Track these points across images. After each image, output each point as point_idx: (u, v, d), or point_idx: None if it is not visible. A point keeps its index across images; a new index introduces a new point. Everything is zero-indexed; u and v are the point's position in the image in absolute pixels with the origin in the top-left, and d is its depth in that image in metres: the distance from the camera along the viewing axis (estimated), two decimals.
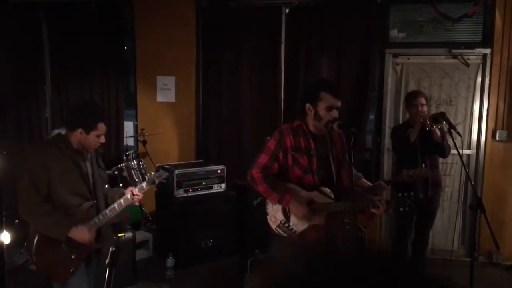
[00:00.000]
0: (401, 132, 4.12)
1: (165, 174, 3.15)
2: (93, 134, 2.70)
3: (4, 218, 3.42)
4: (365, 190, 3.60)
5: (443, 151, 4.08)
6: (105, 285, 1.54)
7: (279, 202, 2.80)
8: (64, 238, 2.61)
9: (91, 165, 2.81)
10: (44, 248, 2.66)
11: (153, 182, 3.01)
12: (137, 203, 2.98)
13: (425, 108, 4.08)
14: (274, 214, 2.87)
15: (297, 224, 2.81)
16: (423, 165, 3.95)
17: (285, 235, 2.85)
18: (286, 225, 2.83)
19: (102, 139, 2.75)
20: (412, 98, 4.16)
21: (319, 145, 2.87)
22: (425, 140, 3.97)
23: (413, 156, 3.96)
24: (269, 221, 2.90)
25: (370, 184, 3.47)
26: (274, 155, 2.83)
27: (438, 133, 3.91)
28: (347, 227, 2.79)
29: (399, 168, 4.11)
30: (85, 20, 5.84)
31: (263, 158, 2.84)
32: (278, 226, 2.86)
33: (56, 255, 2.65)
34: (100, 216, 2.78)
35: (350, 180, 2.65)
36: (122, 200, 2.85)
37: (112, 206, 2.82)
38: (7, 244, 3.47)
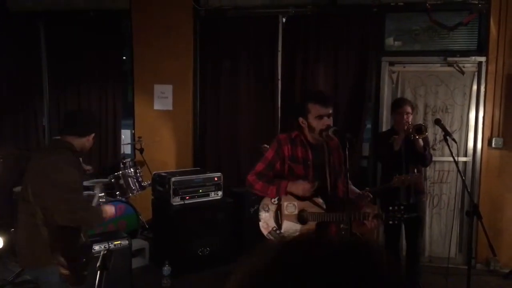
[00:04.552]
0: (385, 139, 4.12)
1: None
2: (93, 136, 2.95)
3: None
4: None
5: (424, 161, 4.07)
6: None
7: (278, 192, 2.88)
8: None
9: None
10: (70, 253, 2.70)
11: None
12: None
13: (410, 117, 4.08)
14: (267, 221, 2.96)
15: (288, 232, 2.88)
16: (412, 172, 3.96)
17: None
18: (278, 232, 2.91)
19: None
20: (397, 105, 4.17)
21: (317, 154, 2.94)
22: (409, 148, 3.97)
23: (397, 164, 3.96)
24: (261, 227, 2.98)
25: (358, 191, 3.51)
26: (270, 164, 2.93)
27: (421, 142, 3.90)
28: (343, 232, 2.80)
29: (385, 175, 4.13)
30: (83, 29, 5.88)
31: (259, 166, 2.95)
32: (269, 232, 2.95)
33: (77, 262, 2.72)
34: None
35: (346, 188, 2.70)
36: None
37: None
38: (3, 254, 3.51)
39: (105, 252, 1.60)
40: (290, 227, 2.89)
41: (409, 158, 4.00)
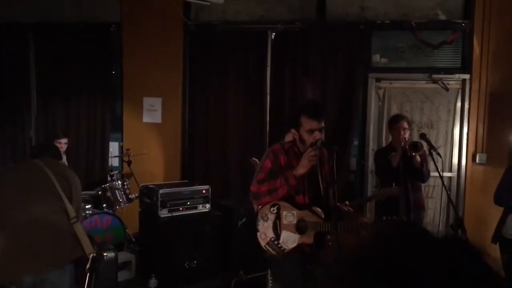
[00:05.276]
0: (384, 155, 4.18)
1: None
2: None
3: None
4: None
5: (422, 177, 4.13)
6: None
7: (286, 181, 2.82)
8: None
9: None
10: None
11: None
12: None
13: (407, 132, 4.13)
14: (265, 231, 2.93)
15: (286, 242, 2.87)
16: (405, 188, 4.00)
17: (273, 252, 2.90)
18: (276, 242, 2.89)
19: None
20: (394, 121, 4.23)
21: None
22: (407, 165, 4.02)
23: (396, 180, 3.99)
24: (259, 238, 2.95)
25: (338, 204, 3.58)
26: (271, 172, 2.89)
27: (418, 159, 3.96)
28: (330, 243, 2.82)
29: None
30: (73, 41, 5.88)
31: (260, 176, 2.91)
32: (267, 243, 2.91)
33: None
34: None
35: (334, 198, 2.74)
36: None
37: None
38: None
39: (95, 254, 1.60)
40: (288, 237, 2.86)
41: (407, 174, 4.04)
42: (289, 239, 2.86)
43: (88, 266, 1.58)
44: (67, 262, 2.60)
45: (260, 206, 2.99)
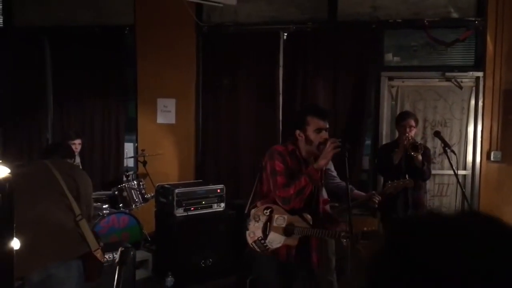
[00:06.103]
0: (387, 151, 4.17)
1: None
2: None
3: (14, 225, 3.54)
4: (359, 201, 3.69)
5: (423, 175, 4.10)
6: (115, 282, 1.58)
7: (311, 179, 2.83)
8: None
9: None
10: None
11: None
12: None
13: (413, 131, 4.08)
14: (254, 230, 3.00)
15: (272, 242, 2.94)
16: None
17: (258, 250, 3.00)
18: (262, 241, 2.96)
19: None
20: (401, 118, 4.19)
21: None
22: (409, 162, 4.01)
23: (397, 177, 3.96)
24: (247, 236, 3.04)
25: (364, 194, 3.60)
26: (287, 173, 2.88)
27: (420, 158, 3.94)
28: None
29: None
30: (88, 45, 5.98)
31: (280, 180, 2.86)
32: (254, 241, 3.00)
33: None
34: None
35: (347, 196, 2.78)
36: None
37: None
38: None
39: (123, 249, 1.65)
40: (275, 238, 2.92)
41: (408, 172, 4.03)
42: (275, 240, 2.92)
43: (117, 260, 1.63)
44: (73, 257, 2.67)
45: (253, 206, 3.09)
